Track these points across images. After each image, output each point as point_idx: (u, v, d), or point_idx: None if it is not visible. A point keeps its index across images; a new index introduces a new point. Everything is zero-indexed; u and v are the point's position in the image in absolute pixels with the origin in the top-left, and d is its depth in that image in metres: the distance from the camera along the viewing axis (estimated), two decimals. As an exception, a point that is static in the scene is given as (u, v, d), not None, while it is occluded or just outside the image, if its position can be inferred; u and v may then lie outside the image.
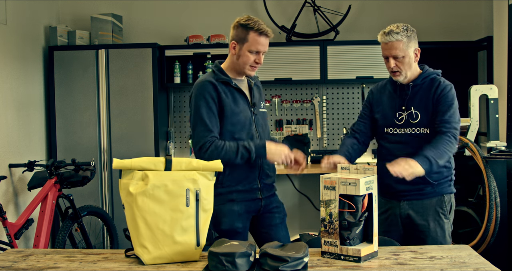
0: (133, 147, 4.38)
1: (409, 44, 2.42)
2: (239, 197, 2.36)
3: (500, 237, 3.52)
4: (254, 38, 2.31)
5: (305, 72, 4.53)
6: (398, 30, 2.40)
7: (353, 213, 1.81)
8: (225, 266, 1.65)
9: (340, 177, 1.83)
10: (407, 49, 2.42)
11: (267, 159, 2.31)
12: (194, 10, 4.88)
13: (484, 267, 1.72)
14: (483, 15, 4.73)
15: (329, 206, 1.83)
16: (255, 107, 2.43)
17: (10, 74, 3.92)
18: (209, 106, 2.29)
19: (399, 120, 2.49)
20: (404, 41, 2.40)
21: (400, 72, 2.45)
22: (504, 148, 3.73)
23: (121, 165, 1.82)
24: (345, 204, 1.82)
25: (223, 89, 2.33)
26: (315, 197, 4.75)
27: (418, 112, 2.46)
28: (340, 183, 1.82)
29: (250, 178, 2.39)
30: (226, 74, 2.38)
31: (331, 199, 1.83)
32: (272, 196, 2.50)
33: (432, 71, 2.51)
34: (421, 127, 2.45)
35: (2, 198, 3.69)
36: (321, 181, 1.86)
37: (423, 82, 2.48)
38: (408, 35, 2.41)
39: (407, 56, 2.43)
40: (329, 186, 1.84)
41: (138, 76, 4.39)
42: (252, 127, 2.39)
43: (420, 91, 2.48)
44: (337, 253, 1.82)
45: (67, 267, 1.78)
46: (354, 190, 1.79)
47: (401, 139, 2.49)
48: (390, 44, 2.41)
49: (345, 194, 1.81)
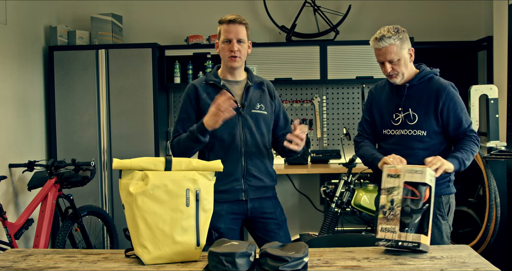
0: (133, 147, 4.38)
1: (403, 46, 2.39)
2: (219, 197, 2.27)
3: (500, 237, 3.52)
4: (224, 28, 2.40)
5: (305, 72, 4.53)
6: (390, 34, 2.36)
7: (416, 200, 1.84)
8: (225, 266, 1.65)
9: (404, 166, 1.94)
10: (401, 52, 2.39)
11: (207, 127, 2.21)
12: (194, 10, 4.88)
13: (484, 267, 1.72)
14: (483, 15, 4.73)
15: (391, 193, 1.91)
16: (245, 108, 2.41)
17: (10, 74, 3.92)
18: (186, 109, 2.43)
19: (396, 121, 2.47)
20: (397, 44, 2.37)
21: (397, 75, 2.43)
22: (504, 148, 3.73)
23: (121, 165, 1.82)
24: (409, 191, 1.88)
25: (207, 91, 2.41)
26: (315, 197, 4.76)
27: (416, 114, 2.43)
28: (406, 171, 1.91)
29: (232, 178, 2.37)
30: (217, 77, 2.45)
31: (394, 186, 1.91)
32: (263, 199, 2.46)
33: (428, 71, 2.48)
34: (418, 129, 2.43)
35: (2, 198, 3.69)
36: (384, 169, 1.96)
37: (420, 82, 2.46)
38: (400, 37, 2.37)
39: (402, 58, 2.40)
40: (393, 174, 1.93)
41: (138, 76, 4.39)
42: (236, 128, 2.38)
43: (417, 92, 2.45)
44: (395, 239, 1.85)
45: (67, 267, 1.78)
46: (420, 178, 1.87)
47: (397, 140, 2.47)
48: (384, 49, 2.38)
49: (410, 182, 1.88)
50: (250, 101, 2.43)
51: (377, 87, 2.64)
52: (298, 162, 4.55)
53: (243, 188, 2.39)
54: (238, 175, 2.38)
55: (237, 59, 2.39)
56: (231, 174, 2.37)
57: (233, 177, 2.38)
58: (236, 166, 2.38)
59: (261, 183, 2.44)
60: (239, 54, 2.38)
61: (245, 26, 2.41)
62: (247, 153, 2.40)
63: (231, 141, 2.38)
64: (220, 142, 2.39)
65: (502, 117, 3.89)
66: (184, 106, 2.45)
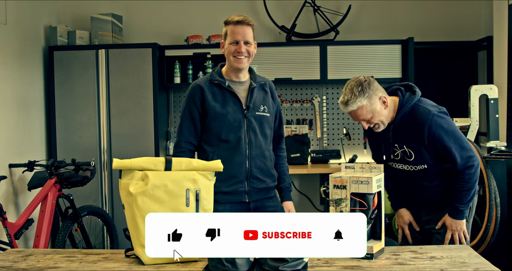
0: (133, 147, 4.38)
1: (372, 101, 2.29)
2: (223, 198, 2.31)
3: (500, 237, 3.52)
4: (231, 29, 2.38)
5: (305, 72, 4.53)
6: (354, 96, 2.26)
7: (365, 211, 1.82)
8: (225, 266, 1.65)
9: (351, 176, 1.84)
10: (372, 107, 2.29)
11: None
12: (194, 10, 4.88)
13: (484, 267, 1.72)
14: (483, 15, 4.73)
15: (339, 205, 1.84)
16: (249, 110, 2.39)
17: (10, 74, 3.92)
18: (191, 113, 2.40)
19: (396, 156, 2.43)
20: (365, 104, 2.28)
21: (378, 126, 2.37)
22: (504, 148, 3.73)
23: (121, 165, 1.82)
24: (356, 202, 1.82)
25: (212, 91, 2.37)
26: (315, 197, 4.75)
27: (411, 150, 2.37)
28: (351, 182, 1.83)
29: (235, 180, 2.36)
30: (222, 76, 2.41)
31: (341, 198, 1.85)
32: (265, 199, 2.46)
33: (407, 102, 2.35)
34: (418, 164, 2.38)
35: (2, 198, 3.69)
36: (331, 180, 1.87)
37: (403, 120, 2.36)
38: (367, 95, 2.27)
39: (375, 112, 2.31)
40: (340, 185, 1.85)
41: (138, 76, 4.39)
42: (241, 130, 2.37)
43: (404, 127, 2.36)
44: None
45: (67, 267, 1.78)
46: (366, 188, 1.80)
47: (402, 174, 2.46)
48: (353, 112, 2.32)
49: (356, 193, 1.82)
50: (254, 104, 2.42)
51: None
52: (298, 162, 4.55)
53: (246, 190, 2.39)
54: (242, 177, 2.37)
55: (244, 60, 2.38)
56: (235, 176, 2.36)
57: (237, 179, 2.37)
58: (240, 168, 2.37)
59: (263, 185, 2.43)
60: (246, 56, 2.38)
61: (252, 28, 2.41)
62: (251, 155, 2.39)
63: (237, 143, 2.37)
64: (226, 144, 2.37)
65: (502, 117, 3.89)
66: (188, 109, 2.40)
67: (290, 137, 4.57)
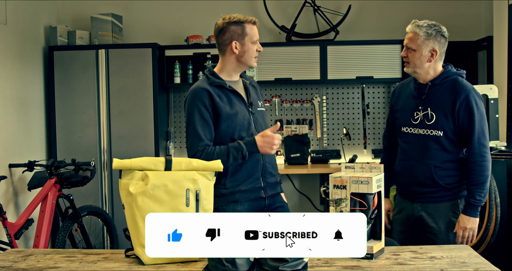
0: (133, 147, 4.38)
1: (426, 42, 2.41)
2: (242, 197, 2.36)
3: (500, 237, 3.52)
4: (250, 27, 2.38)
5: (305, 72, 4.53)
6: (422, 24, 2.41)
7: (365, 211, 1.82)
8: (225, 266, 1.65)
9: (351, 176, 1.84)
10: (421, 45, 2.41)
11: (261, 153, 2.32)
12: (194, 10, 4.88)
13: (484, 267, 1.72)
14: (483, 15, 4.73)
15: (339, 205, 1.84)
16: (253, 107, 2.43)
17: (10, 74, 3.92)
18: (202, 115, 2.32)
19: (415, 120, 2.48)
20: (421, 36, 2.41)
21: (408, 63, 2.47)
22: (504, 148, 3.73)
23: (121, 165, 1.82)
24: (356, 202, 1.83)
25: (217, 93, 2.34)
26: (315, 197, 4.75)
27: (434, 113, 2.43)
28: (351, 182, 1.83)
29: (253, 178, 2.39)
30: (219, 78, 2.39)
31: (341, 198, 1.85)
32: (276, 195, 2.50)
33: (453, 72, 2.48)
34: (435, 129, 2.42)
35: (2, 198, 3.69)
36: (331, 180, 1.87)
37: (443, 83, 2.45)
38: (429, 32, 2.41)
39: (418, 52, 2.42)
40: (340, 185, 1.84)
41: (138, 76, 4.39)
42: (251, 126, 2.40)
43: (439, 92, 2.45)
44: None
45: (67, 267, 1.78)
46: (366, 188, 1.80)
47: (414, 139, 2.49)
48: (408, 34, 2.46)
49: (356, 193, 1.82)
50: (253, 100, 2.46)
51: (403, 85, 2.65)
52: (298, 162, 4.55)
53: (262, 186, 2.41)
54: (258, 174, 2.40)
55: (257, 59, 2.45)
56: (252, 173, 2.38)
57: (255, 176, 2.39)
58: (257, 164, 2.39)
59: (274, 179, 2.48)
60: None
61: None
62: None
63: None
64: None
65: (502, 117, 3.89)
66: (198, 113, 2.31)
67: (290, 136, 4.57)
